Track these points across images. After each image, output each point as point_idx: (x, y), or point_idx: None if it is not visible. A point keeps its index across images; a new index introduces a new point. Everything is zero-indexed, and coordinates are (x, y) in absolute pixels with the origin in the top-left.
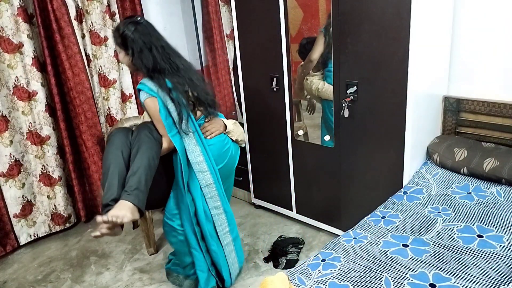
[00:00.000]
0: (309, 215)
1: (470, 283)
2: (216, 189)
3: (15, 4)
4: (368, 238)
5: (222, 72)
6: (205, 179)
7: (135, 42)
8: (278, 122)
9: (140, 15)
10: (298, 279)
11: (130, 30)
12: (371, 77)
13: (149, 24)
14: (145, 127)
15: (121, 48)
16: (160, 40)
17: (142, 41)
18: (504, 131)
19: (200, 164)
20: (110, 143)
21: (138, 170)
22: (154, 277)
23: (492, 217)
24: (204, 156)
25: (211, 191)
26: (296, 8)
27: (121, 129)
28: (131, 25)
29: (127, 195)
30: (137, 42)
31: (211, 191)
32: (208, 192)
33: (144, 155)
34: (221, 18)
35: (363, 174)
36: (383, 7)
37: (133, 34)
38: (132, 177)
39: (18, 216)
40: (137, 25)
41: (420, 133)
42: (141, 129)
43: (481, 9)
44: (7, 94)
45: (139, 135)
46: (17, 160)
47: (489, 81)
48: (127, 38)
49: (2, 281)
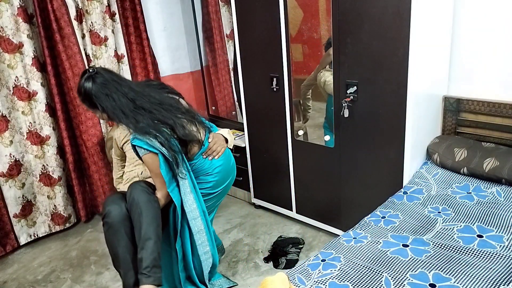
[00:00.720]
0: (309, 215)
1: (470, 283)
2: (205, 235)
3: (15, 4)
4: (368, 238)
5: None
6: (197, 226)
7: (97, 97)
8: (278, 122)
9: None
10: (298, 279)
11: (88, 87)
12: (371, 77)
13: (104, 70)
14: (140, 188)
15: (93, 109)
16: (122, 83)
17: (104, 94)
18: (504, 131)
19: (193, 212)
20: (111, 224)
21: (149, 245)
22: None
23: (492, 217)
24: (196, 203)
25: (202, 237)
26: (296, 8)
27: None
28: (87, 81)
29: (146, 277)
30: (100, 97)
31: (201, 237)
32: (199, 239)
33: (150, 227)
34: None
35: (363, 174)
36: (383, 7)
37: (93, 90)
38: (145, 254)
39: (18, 216)
40: (93, 78)
41: (420, 133)
42: (137, 192)
43: (481, 9)
44: (7, 94)
45: (137, 200)
46: (17, 160)
47: (489, 81)
48: (91, 96)
49: (2, 281)
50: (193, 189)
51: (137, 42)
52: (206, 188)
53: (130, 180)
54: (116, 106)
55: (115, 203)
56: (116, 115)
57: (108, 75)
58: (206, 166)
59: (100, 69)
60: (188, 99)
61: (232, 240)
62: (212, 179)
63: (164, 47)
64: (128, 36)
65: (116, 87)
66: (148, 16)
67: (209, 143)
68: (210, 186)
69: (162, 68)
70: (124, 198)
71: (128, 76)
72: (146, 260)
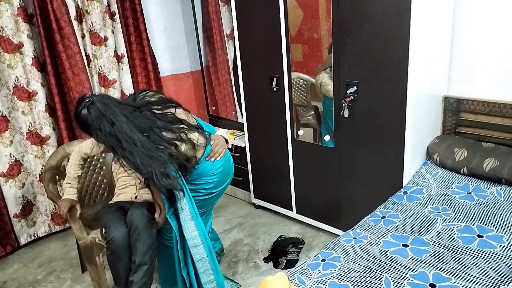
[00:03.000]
0: (309, 215)
1: (470, 283)
2: (209, 262)
3: (15, 4)
4: (368, 238)
5: (222, 72)
6: (199, 253)
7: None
8: (278, 122)
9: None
10: (298, 279)
11: (85, 118)
12: (371, 77)
13: (102, 97)
14: (140, 214)
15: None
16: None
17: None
18: (504, 131)
19: (194, 239)
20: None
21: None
22: (154, 277)
23: (492, 217)
24: (198, 230)
25: (204, 265)
26: (296, 8)
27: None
28: (83, 111)
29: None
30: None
31: (204, 265)
32: (202, 267)
33: (146, 255)
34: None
35: (363, 174)
36: (383, 7)
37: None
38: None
39: (18, 216)
40: (89, 107)
41: (420, 133)
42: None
43: (481, 9)
44: (7, 94)
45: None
46: (17, 160)
47: (489, 81)
48: (90, 127)
49: (2, 281)
50: (195, 216)
51: (137, 42)
52: (207, 188)
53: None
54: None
55: (118, 229)
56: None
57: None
58: (208, 167)
59: (95, 97)
60: (188, 99)
61: (232, 240)
62: (213, 180)
63: (164, 47)
64: (128, 36)
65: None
66: (148, 16)
67: (211, 146)
68: (211, 187)
69: (162, 68)
70: (122, 218)
71: (129, 76)
72: (136, 284)
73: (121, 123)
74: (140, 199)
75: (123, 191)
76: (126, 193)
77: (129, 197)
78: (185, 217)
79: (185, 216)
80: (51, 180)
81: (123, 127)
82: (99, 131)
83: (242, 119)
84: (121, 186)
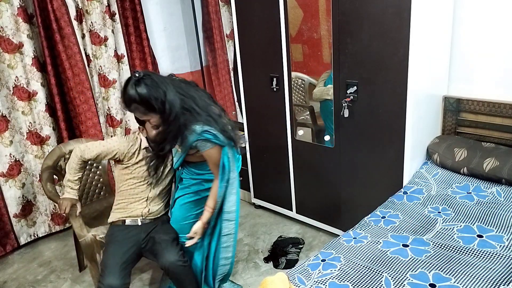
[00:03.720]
0: (309, 215)
1: (470, 283)
2: (233, 240)
3: (15, 4)
4: (368, 238)
5: (222, 72)
6: (229, 228)
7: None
8: (278, 122)
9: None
10: (298, 279)
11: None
12: (371, 77)
13: (152, 73)
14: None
15: (148, 114)
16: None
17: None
18: (504, 131)
19: (230, 214)
20: None
21: None
22: (154, 277)
23: (492, 217)
24: (236, 207)
25: (229, 241)
26: (296, 8)
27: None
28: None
29: None
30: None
31: (228, 240)
32: (226, 241)
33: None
34: (221, 18)
35: (363, 174)
36: (383, 7)
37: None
38: None
39: (18, 216)
40: (143, 81)
41: (420, 133)
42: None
43: (481, 9)
44: (7, 94)
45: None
46: (17, 160)
47: (489, 81)
48: (148, 98)
49: (2, 281)
50: (238, 191)
51: (137, 42)
52: None
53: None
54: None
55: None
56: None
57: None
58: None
59: (145, 72)
60: None
61: None
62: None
63: (164, 47)
64: (128, 36)
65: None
66: (148, 16)
67: None
68: None
69: (162, 68)
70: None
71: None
72: None
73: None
74: (150, 215)
75: (131, 206)
76: (135, 209)
77: (139, 212)
78: (230, 190)
79: (231, 189)
80: (48, 180)
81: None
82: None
83: (242, 119)
84: (126, 199)
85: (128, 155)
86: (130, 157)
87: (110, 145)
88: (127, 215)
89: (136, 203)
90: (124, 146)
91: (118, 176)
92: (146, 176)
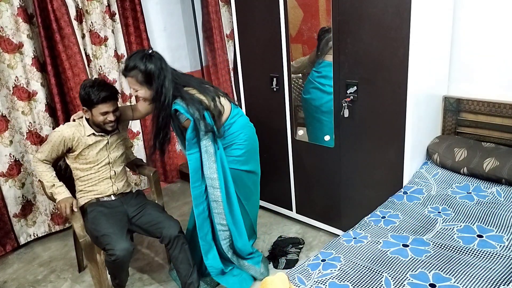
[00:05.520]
0: (309, 215)
1: (470, 283)
2: (223, 207)
3: (15, 4)
4: (368, 238)
5: (222, 72)
6: (214, 195)
7: (155, 75)
8: (278, 122)
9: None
10: (298, 279)
11: (151, 64)
12: (371, 77)
13: (159, 54)
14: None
15: (142, 85)
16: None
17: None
18: (504, 131)
19: (213, 181)
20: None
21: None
22: (154, 277)
23: (492, 217)
24: (218, 175)
25: (218, 208)
26: (296, 8)
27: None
28: (150, 59)
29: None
30: (159, 75)
31: (218, 207)
32: (215, 208)
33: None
34: (221, 18)
35: (363, 174)
36: (383, 7)
37: (155, 68)
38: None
39: (18, 216)
40: (152, 57)
41: (420, 133)
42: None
43: (481, 9)
44: (7, 94)
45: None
46: (17, 160)
47: (489, 81)
48: (152, 73)
49: (2, 281)
50: (220, 162)
51: (137, 42)
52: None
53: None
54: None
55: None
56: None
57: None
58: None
59: (156, 52)
60: None
61: None
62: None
63: (164, 47)
64: (128, 36)
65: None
66: (148, 16)
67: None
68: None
69: None
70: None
71: None
72: (196, 282)
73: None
74: (119, 191)
75: (96, 187)
76: (103, 189)
77: (108, 191)
78: (209, 159)
79: (209, 156)
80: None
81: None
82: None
83: None
84: (91, 181)
85: (75, 139)
86: (78, 140)
87: (54, 136)
88: (97, 194)
89: (101, 183)
90: (68, 132)
91: (75, 168)
92: (101, 158)
